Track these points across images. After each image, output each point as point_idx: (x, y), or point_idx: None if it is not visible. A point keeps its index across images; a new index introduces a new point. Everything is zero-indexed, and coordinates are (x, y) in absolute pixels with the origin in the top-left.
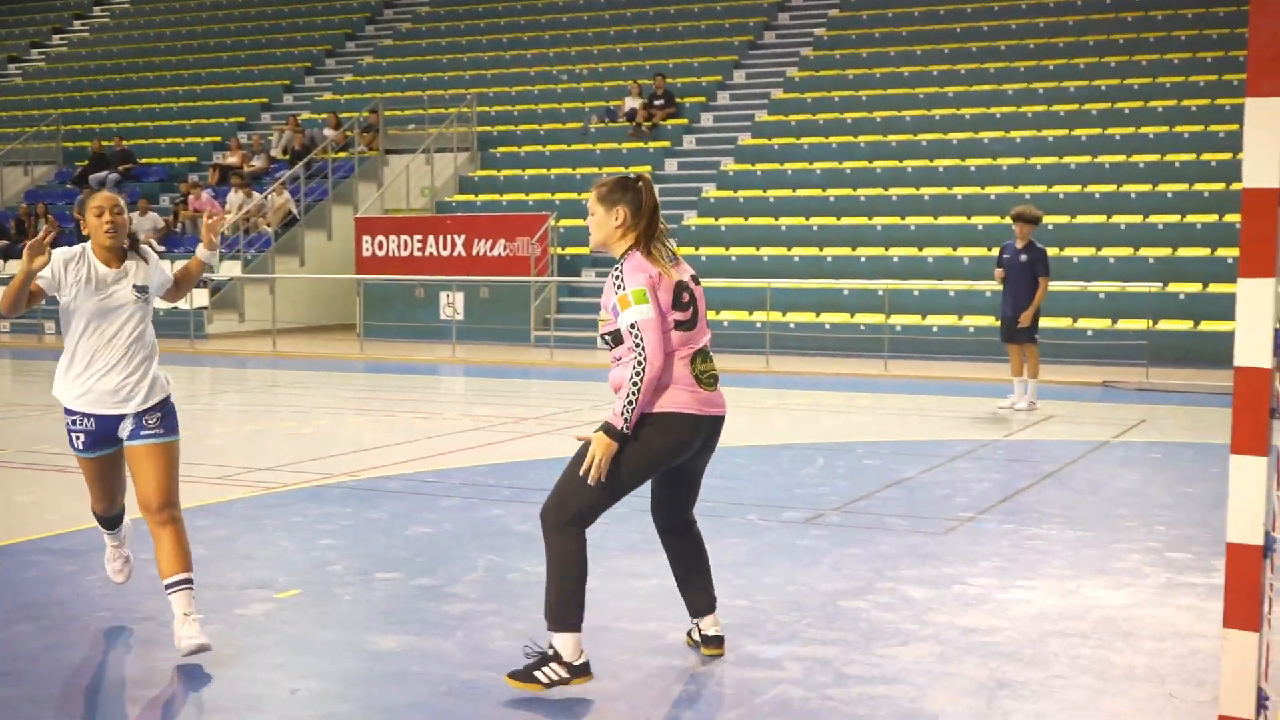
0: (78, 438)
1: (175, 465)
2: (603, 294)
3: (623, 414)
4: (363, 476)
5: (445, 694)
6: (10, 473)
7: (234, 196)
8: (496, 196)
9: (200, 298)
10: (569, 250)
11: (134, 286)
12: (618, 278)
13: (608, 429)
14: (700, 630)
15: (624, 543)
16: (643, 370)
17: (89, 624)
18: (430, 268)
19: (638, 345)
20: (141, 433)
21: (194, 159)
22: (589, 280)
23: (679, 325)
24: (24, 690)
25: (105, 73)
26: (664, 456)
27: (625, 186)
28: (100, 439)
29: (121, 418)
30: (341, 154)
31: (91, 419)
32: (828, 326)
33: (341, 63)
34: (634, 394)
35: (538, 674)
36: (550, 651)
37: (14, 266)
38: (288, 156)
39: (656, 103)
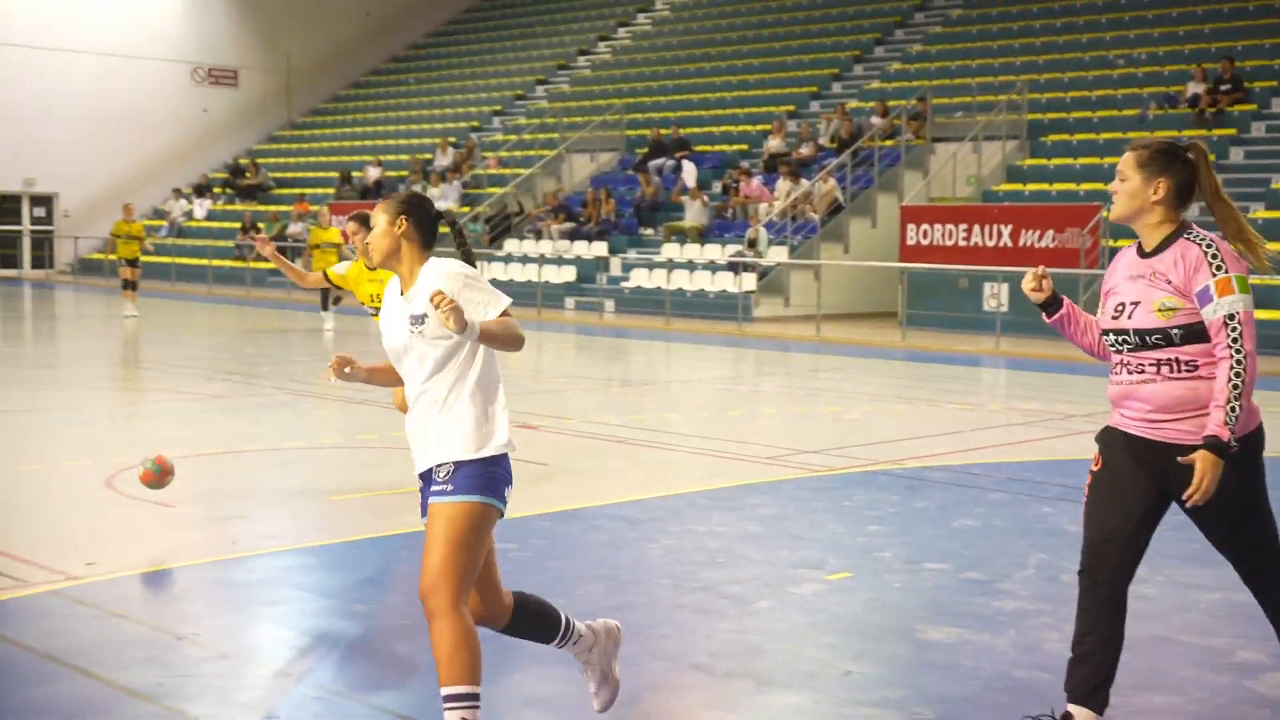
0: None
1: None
2: (1139, 281)
3: (1227, 424)
4: (908, 465)
5: (999, 691)
6: (576, 442)
7: (782, 184)
8: (1046, 186)
9: (748, 282)
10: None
11: (410, 316)
12: (1213, 257)
13: (1214, 446)
14: None
15: (1185, 551)
16: (1243, 371)
17: (651, 589)
18: (975, 258)
19: (1234, 342)
20: (433, 489)
21: (745, 146)
22: None
23: None
24: None
25: (664, 63)
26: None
27: (1173, 156)
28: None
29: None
30: (888, 142)
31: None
32: None
33: (890, 50)
34: (1237, 400)
35: None
36: None
37: (579, 248)
38: (835, 144)
39: (1222, 88)
